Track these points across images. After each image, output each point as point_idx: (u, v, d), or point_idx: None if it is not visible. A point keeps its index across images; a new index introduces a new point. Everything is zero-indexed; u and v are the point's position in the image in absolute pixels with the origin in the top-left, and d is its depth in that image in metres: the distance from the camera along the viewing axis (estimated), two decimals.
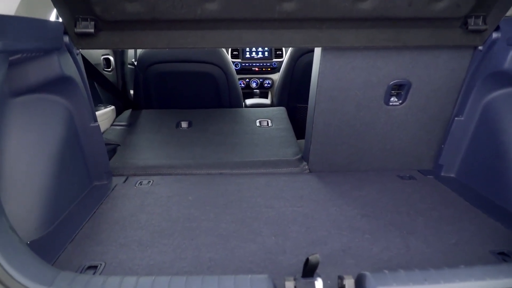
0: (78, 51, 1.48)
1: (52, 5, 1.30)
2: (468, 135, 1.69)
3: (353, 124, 1.73)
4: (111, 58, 2.70)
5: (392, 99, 1.69)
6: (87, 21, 1.38)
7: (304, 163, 1.89)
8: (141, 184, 1.70)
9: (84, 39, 1.44)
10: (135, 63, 2.71)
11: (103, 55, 2.58)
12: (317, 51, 1.63)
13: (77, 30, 1.39)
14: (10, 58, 1.06)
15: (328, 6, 1.35)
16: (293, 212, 1.44)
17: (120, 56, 2.77)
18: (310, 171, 1.86)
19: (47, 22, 1.30)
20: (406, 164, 1.86)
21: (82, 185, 1.62)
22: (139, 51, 2.89)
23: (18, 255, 0.91)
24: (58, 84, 1.39)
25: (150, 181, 1.73)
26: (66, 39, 1.39)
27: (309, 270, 0.96)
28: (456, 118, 1.69)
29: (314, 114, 1.71)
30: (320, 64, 1.58)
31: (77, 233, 1.30)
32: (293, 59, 2.72)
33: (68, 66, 1.40)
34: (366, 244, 1.24)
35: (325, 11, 1.37)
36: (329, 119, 1.71)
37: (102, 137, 1.65)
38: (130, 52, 3.14)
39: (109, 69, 2.68)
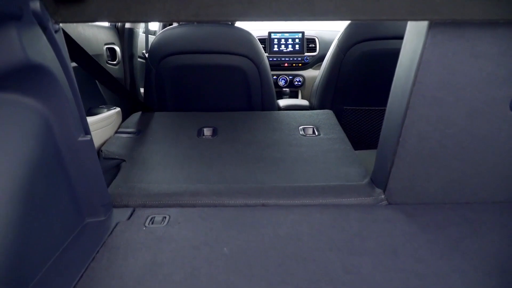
0: (57, 26, 0.95)
1: None
2: None
3: (463, 138, 1.18)
4: (117, 48, 2.18)
5: None
6: None
7: (379, 190, 1.35)
8: (153, 223, 1.18)
9: (67, 6, 0.92)
10: (147, 55, 2.18)
11: (106, 44, 2.06)
12: (416, 28, 1.09)
13: None
14: None
15: None
16: (392, 283, 0.90)
17: (128, 46, 2.26)
18: (389, 203, 1.32)
19: None
20: None
21: (67, 225, 1.10)
22: (151, 40, 2.37)
23: None
24: (24, 77, 0.87)
25: (165, 217, 1.21)
26: (36, 4, 0.86)
27: None
28: None
29: (404, 124, 1.17)
30: (424, 48, 1.04)
31: None
32: (342, 51, 2.18)
33: (39, 49, 0.87)
34: None
35: None
36: (427, 131, 1.17)
37: (96, 156, 1.14)
38: (141, 42, 2.61)
39: (115, 62, 2.17)
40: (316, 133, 1.87)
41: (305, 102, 2.62)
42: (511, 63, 1.05)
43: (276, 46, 3.26)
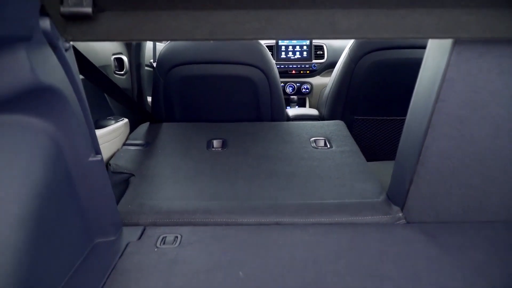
0: (68, 44, 0.92)
1: None
2: None
3: (486, 157, 1.14)
4: (125, 58, 2.15)
5: None
6: None
7: (396, 208, 1.31)
8: (164, 243, 1.14)
9: (77, 25, 0.88)
10: (154, 64, 2.15)
11: (114, 54, 2.03)
12: (439, 45, 1.05)
13: (65, 9, 0.84)
14: None
15: None
16: None
17: (135, 55, 2.23)
18: (407, 222, 1.28)
19: None
20: None
21: (76, 247, 1.06)
22: (159, 48, 2.33)
23: None
24: (33, 99, 0.84)
25: (177, 237, 1.17)
26: (46, 23, 0.83)
27: None
28: None
29: (425, 142, 1.13)
30: (448, 66, 1.00)
31: None
32: (353, 60, 2.14)
33: (49, 69, 0.84)
34: None
35: None
36: (449, 150, 1.13)
37: (107, 175, 1.10)
38: (148, 51, 2.58)
39: (122, 72, 2.14)
40: (328, 146, 1.83)
41: (314, 112, 2.58)
42: None
43: (283, 53, 3.23)
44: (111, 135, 1.77)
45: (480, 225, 1.23)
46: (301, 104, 3.39)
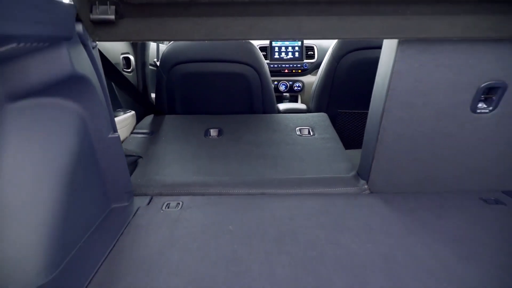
0: (94, 43, 1.18)
1: None
2: None
3: (431, 136, 1.39)
4: (132, 57, 2.41)
5: (480, 105, 1.35)
6: (106, 4, 1.08)
7: (363, 181, 1.56)
8: (168, 207, 1.40)
9: (102, 28, 1.14)
10: (158, 63, 2.40)
11: (122, 53, 2.29)
12: (390, 44, 1.30)
13: (94, 16, 1.09)
14: (1, 49, 0.77)
15: None
16: (366, 251, 1.11)
17: (141, 55, 2.48)
18: (371, 192, 1.53)
19: (53, 2, 1.00)
20: (489, 184, 1.51)
21: (98, 209, 1.31)
22: (162, 49, 2.59)
23: None
24: (68, 85, 1.09)
25: (179, 203, 1.42)
26: (79, 27, 1.09)
27: None
28: None
29: (382, 124, 1.38)
30: (395, 61, 1.25)
31: (93, 276, 1.00)
32: (336, 59, 2.39)
33: (81, 62, 1.10)
34: None
35: None
36: (401, 130, 1.38)
37: (122, 151, 1.35)
38: (152, 52, 2.84)
39: (129, 70, 2.39)
40: (311, 134, 2.08)
41: (303, 106, 2.83)
42: (469, 73, 1.27)
43: (277, 53, 3.48)
44: (120, 124, 2.03)
45: (431, 194, 1.49)
46: (294, 101, 3.63)
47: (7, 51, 0.80)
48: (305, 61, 3.50)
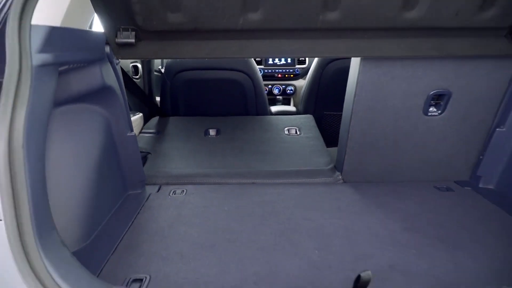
0: (118, 60, 1.48)
1: (91, 15, 1.30)
2: (510, 146, 1.64)
3: (391, 134, 1.69)
4: (139, 65, 2.71)
5: (431, 109, 1.65)
6: (128, 31, 1.38)
7: (338, 173, 1.86)
8: (175, 194, 1.69)
9: (124, 49, 1.44)
10: (162, 70, 2.71)
11: (131, 62, 2.59)
12: (355, 60, 1.60)
13: (118, 40, 1.39)
14: (59, 69, 1.07)
15: (373, 15, 1.32)
16: (332, 224, 1.41)
17: (147, 63, 2.79)
18: (344, 181, 1.83)
19: (91, 33, 1.31)
20: (442, 175, 1.82)
21: (118, 194, 1.61)
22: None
23: (71, 271, 0.90)
24: (99, 94, 1.39)
25: (183, 191, 1.72)
26: (107, 49, 1.39)
27: (360, 287, 0.94)
28: (497, 129, 1.64)
29: (351, 124, 1.68)
30: (359, 73, 1.55)
31: (118, 244, 1.30)
32: (321, 66, 2.70)
33: (109, 76, 1.40)
34: (413, 259, 1.21)
35: (369, 21, 1.34)
36: (366, 129, 1.68)
37: (137, 146, 1.65)
38: (157, 60, 3.15)
39: (137, 76, 2.69)
40: (298, 133, 2.38)
41: (292, 108, 3.14)
42: (418, 83, 1.57)
43: (270, 59, 3.77)
44: None
45: (394, 184, 1.79)
46: (286, 103, 3.92)
47: (60, 71, 1.10)
48: (297, 66, 3.78)
